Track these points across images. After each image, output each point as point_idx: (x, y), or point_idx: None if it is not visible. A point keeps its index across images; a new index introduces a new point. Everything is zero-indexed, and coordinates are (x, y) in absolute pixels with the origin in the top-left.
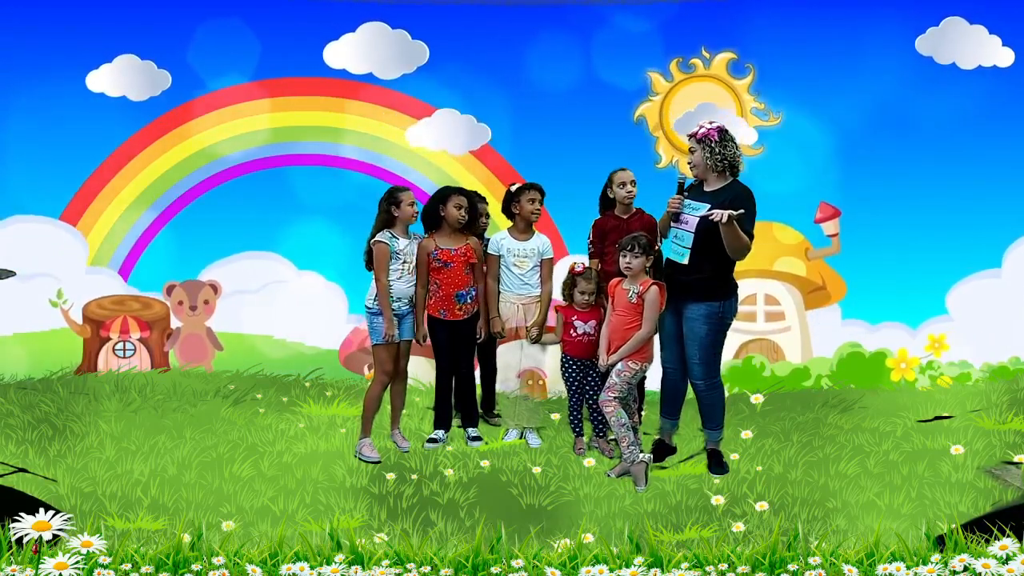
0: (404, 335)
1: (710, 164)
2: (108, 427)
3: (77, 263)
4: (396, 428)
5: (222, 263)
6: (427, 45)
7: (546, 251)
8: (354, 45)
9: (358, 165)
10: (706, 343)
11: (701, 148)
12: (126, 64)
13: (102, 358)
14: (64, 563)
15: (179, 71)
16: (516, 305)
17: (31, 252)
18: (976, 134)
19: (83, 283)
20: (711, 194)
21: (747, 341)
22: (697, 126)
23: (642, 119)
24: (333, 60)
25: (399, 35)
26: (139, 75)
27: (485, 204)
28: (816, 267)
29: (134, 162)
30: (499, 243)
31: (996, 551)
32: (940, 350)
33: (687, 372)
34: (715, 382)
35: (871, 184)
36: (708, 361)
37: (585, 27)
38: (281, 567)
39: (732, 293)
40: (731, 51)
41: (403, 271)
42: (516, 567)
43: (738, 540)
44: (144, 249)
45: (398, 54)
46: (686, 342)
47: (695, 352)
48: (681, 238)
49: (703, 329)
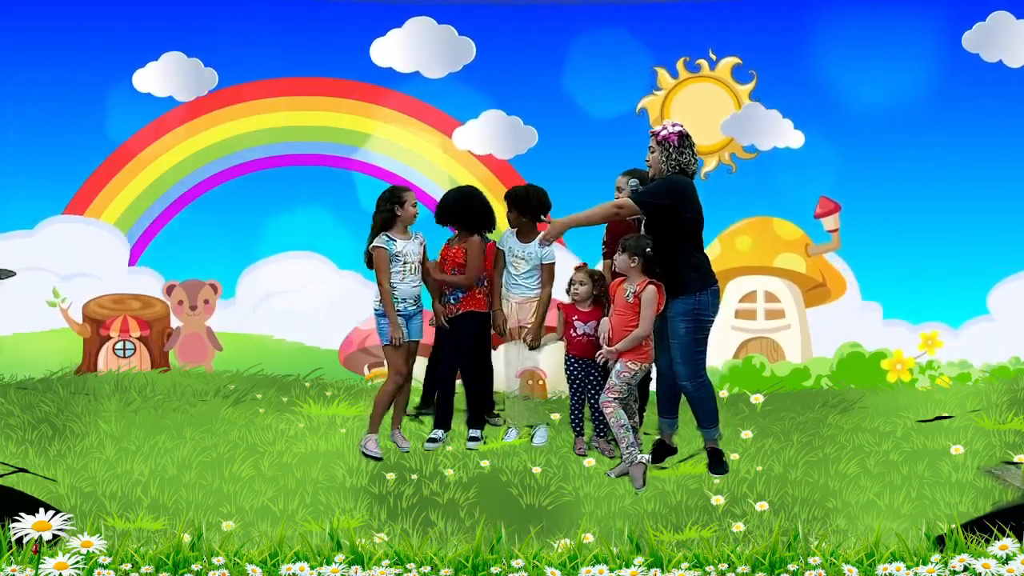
0: (412, 335)
1: (664, 167)
2: (108, 427)
3: (119, 263)
4: (397, 428)
5: (264, 263)
6: (473, 42)
7: (547, 256)
8: (401, 42)
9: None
10: (686, 341)
11: (660, 150)
12: (172, 62)
13: (102, 358)
14: (64, 563)
15: (226, 69)
16: (511, 304)
17: (73, 252)
18: (1020, 132)
19: (125, 282)
20: None
21: (747, 339)
22: (660, 126)
23: (644, 111)
24: (379, 57)
25: (445, 31)
26: (186, 73)
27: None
28: (816, 264)
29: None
30: (504, 240)
31: (996, 551)
32: (933, 348)
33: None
34: (701, 381)
35: (911, 184)
36: (690, 360)
37: (639, 25)
38: (281, 567)
39: (707, 286)
40: (735, 56)
41: (405, 272)
42: (516, 567)
43: (738, 540)
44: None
45: (444, 51)
46: (669, 343)
47: (676, 352)
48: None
49: (681, 327)
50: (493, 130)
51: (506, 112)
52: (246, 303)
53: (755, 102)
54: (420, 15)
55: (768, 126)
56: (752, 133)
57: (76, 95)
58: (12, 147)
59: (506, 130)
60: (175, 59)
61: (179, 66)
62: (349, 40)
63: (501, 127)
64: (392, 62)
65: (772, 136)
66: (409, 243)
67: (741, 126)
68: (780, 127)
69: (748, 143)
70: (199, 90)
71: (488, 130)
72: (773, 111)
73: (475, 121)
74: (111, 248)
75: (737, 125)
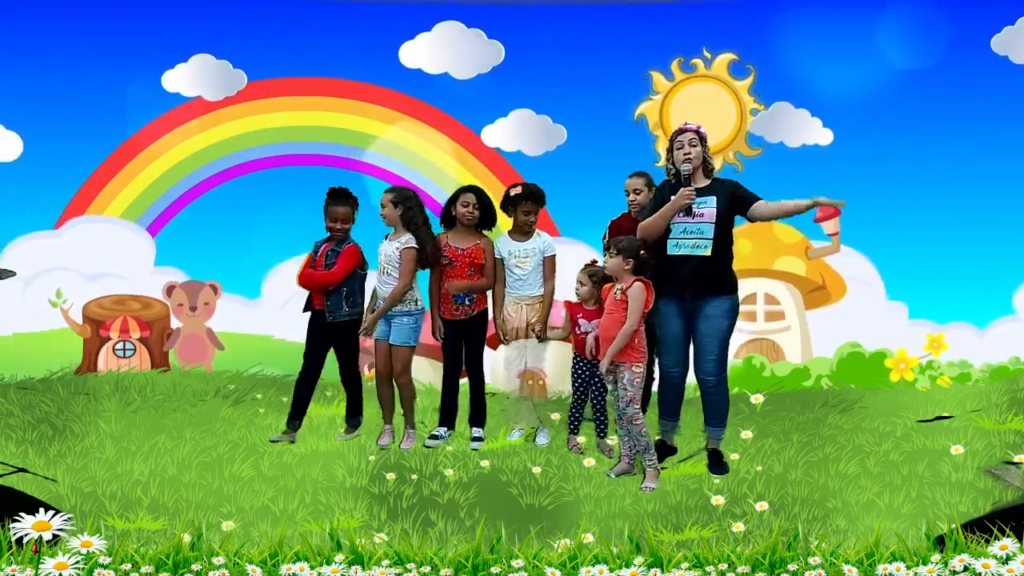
0: (385, 335)
1: (707, 163)
2: (108, 427)
3: (144, 262)
4: (388, 425)
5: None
6: (503, 45)
7: (547, 249)
8: (429, 44)
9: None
10: (725, 338)
11: (703, 146)
12: (202, 63)
13: (102, 358)
14: (64, 563)
15: (255, 71)
16: (519, 306)
17: (98, 252)
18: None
19: (150, 282)
20: (705, 189)
21: (747, 341)
22: (689, 124)
23: (642, 118)
24: (408, 60)
25: (475, 34)
26: (215, 74)
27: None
28: (816, 266)
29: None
30: (500, 247)
31: (996, 551)
32: (939, 350)
33: (696, 370)
34: (724, 377)
35: (937, 183)
36: (722, 356)
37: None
38: (281, 567)
39: (738, 287)
40: (732, 52)
41: (379, 272)
42: (516, 567)
43: (738, 540)
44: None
45: (473, 54)
46: (702, 338)
47: (714, 347)
48: (698, 231)
49: (724, 323)
50: (522, 128)
51: (535, 111)
52: (271, 305)
53: (784, 102)
54: (449, 19)
55: (797, 124)
56: (780, 131)
57: (104, 96)
58: (39, 148)
59: (535, 128)
60: (204, 60)
61: (208, 67)
62: (378, 42)
63: (530, 125)
64: (421, 64)
65: (801, 134)
66: (386, 244)
67: (769, 124)
68: (810, 125)
69: (777, 140)
70: (228, 91)
71: (517, 128)
72: (802, 110)
73: (504, 120)
74: (136, 248)
75: (766, 123)
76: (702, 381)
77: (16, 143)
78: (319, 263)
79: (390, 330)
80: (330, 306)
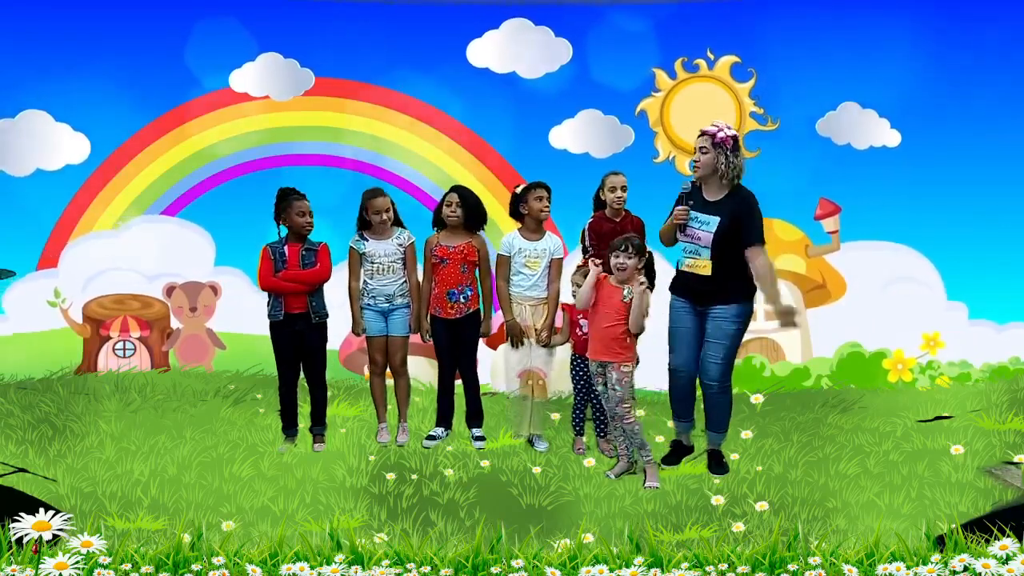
0: (392, 331)
1: (722, 171)
2: (108, 427)
3: (205, 262)
4: (382, 423)
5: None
6: (570, 43)
7: (556, 251)
8: (497, 43)
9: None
10: (732, 343)
11: (715, 152)
12: (269, 62)
13: (102, 358)
14: (64, 563)
15: (323, 71)
16: (525, 307)
17: (159, 252)
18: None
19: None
20: (715, 204)
21: (747, 340)
22: (713, 126)
23: (643, 113)
24: (476, 59)
25: (542, 32)
26: (282, 74)
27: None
28: (816, 265)
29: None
30: (510, 244)
31: (996, 551)
32: (935, 348)
33: (700, 373)
34: (728, 385)
35: (997, 183)
36: (728, 362)
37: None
38: (281, 567)
39: (753, 296)
40: (734, 55)
41: (374, 271)
42: (516, 567)
43: (738, 540)
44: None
45: (541, 52)
46: (708, 340)
47: (719, 352)
48: (694, 251)
49: (732, 328)
50: (589, 129)
51: (603, 112)
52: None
53: (851, 102)
54: (517, 16)
55: (865, 125)
56: (847, 132)
57: (172, 95)
58: (104, 148)
59: (603, 129)
60: (272, 60)
61: (276, 67)
62: (446, 41)
63: (598, 126)
64: (489, 62)
65: (869, 135)
66: (380, 244)
67: (835, 126)
68: (878, 126)
69: (843, 142)
70: (295, 90)
71: (585, 129)
72: (870, 111)
73: (572, 120)
74: (198, 248)
75: (832, 125)
76: (705, 385)
77: (84, 145)
78: (293, 264)
79: (387, 324)
80: (315, 307)
